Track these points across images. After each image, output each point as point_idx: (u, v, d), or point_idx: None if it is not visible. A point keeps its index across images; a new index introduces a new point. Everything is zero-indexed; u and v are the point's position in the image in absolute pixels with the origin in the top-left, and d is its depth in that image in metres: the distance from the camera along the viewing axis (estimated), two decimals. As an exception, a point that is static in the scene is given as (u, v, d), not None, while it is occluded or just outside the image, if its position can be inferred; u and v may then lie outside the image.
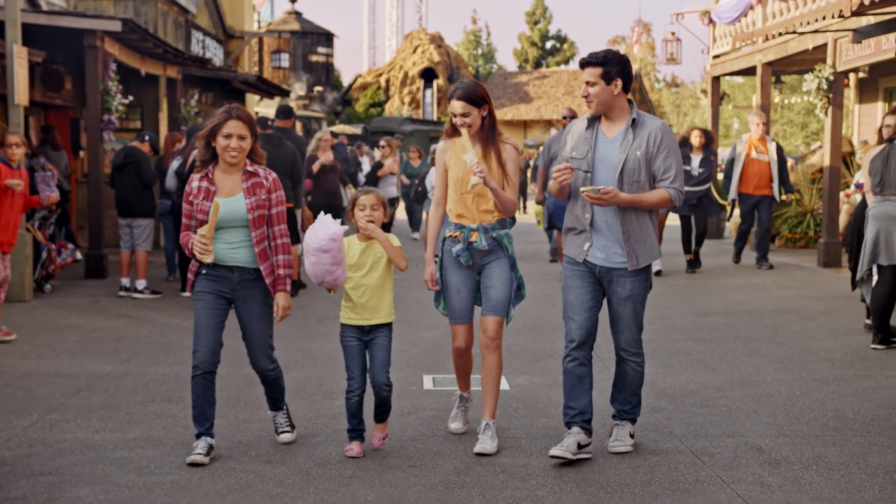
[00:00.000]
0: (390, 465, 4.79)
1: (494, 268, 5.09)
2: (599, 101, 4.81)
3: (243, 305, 4.87)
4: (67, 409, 5.76)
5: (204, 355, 4.79)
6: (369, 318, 4.90)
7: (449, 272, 5.14)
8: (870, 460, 4.79)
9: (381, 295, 4.92)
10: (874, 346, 7.46)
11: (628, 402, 5.05)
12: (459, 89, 5.04)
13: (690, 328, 8.50)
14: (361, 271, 4.89)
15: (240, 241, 4.83)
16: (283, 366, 5.38)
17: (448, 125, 5.23)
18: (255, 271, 4.85)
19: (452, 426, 5.34)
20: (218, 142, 4.76)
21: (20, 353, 7.38)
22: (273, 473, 4.63)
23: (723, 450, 4.98)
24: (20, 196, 8.04)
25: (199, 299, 4.85)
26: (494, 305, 5.07)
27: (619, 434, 5.02)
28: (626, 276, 4.85)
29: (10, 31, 9.79)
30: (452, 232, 5.12)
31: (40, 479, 4.50)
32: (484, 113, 5.07)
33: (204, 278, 4.85)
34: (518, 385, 6.42)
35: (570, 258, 4.97)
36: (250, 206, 4.79)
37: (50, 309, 9.42)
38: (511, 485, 4.46)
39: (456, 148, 5.15)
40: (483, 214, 5.08)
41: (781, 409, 5.78)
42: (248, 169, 4.88)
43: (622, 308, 4.91)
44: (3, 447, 4.99)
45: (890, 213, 7.30)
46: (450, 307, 5.16)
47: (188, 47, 17.94)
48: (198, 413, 4.83)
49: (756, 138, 12.19)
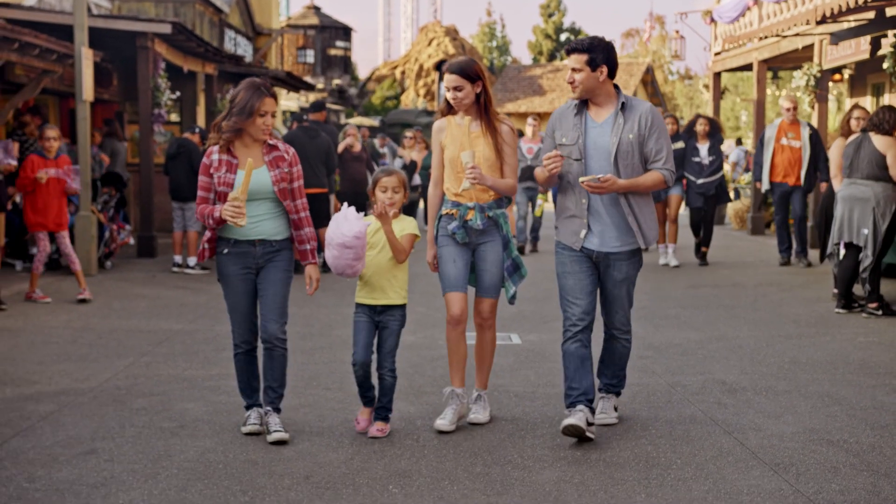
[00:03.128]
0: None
1: (488, 250, 5.11)
2: (585, 87, 4.82)
3: (264, 271, 4.87)
4: (155, 355, 6.97)
5: (243, 336, 4.93)
6: (378, 297, 4.93)
7: (444, 246, 5.13)
8: (810, 389, 5.95)
9: (392, 276, 4.94)
10: (837, 310, 8.60)
11: (616, 375, 5.24)
12: (453, 63, 5.03)
13: (681, 297, 9.67)
14: (374, 250, 4.92)
15: (262, 213, 4.81)
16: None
17: (443, 103, 5.22)
18: (277, 243, 4.86)
19: (438, 422, 5.05)
20: (255, 120, 4.74)
21: (101, 315, 8.61)
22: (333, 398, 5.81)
23: (693, 383, 6.15)
24: (56, 182, 9.28)
25: (228, 284, 4.89)
26: (488, 288, 5.14)
27: (604, 407, 5.19)
28: (623, 259, 4.94)
29: (79, 35, 11.01)
30: (449, 209, 5.12)
31: (151, 398, 5.71)
32: (478, 89, 5.03)
33: (227, 258, 4.85)
34: (529, 340, 7.58)
35: (566, 245, 5.01)
36: (275, 179, 4.79)
37: (115, 282, 10.65)
38: (522, 404, 5.64)
39: (451, 127, 5.15)
40: (480, 193, 5.06)
41: (747, 357, 6.94)
42: (270, 142, 4.86)
43: (617, 290, 5.00)
44: (112, 379, 6.21)
45: (855, 195, 8.42)
46: (444, 276, 5.14)
47: (222, 45, 19.15)
48: (244, 386, 5.02)
49: (788, 123, 11.47)
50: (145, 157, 13.17)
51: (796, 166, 11.36)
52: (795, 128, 11.42)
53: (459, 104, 5.05)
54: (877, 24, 10.58)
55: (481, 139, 5.07)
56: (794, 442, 4.84)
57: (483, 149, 5.05)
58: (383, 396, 5.00)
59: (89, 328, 7.96)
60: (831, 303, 9.10)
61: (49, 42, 10.75)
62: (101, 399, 5.68)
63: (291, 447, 4.75)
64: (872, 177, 8.23)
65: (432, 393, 5.80)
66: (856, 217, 8.40)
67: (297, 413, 5.39)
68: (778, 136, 11.43)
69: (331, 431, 5.04)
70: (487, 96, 5.05)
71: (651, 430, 5.08)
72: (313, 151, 11.29)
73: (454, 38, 56.35)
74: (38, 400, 5.62)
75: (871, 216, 8.20)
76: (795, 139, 11.37)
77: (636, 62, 49.85)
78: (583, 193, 4.87)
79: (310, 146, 11.26)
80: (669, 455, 4.65)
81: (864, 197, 8.25)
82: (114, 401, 5.64)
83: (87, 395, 5.75)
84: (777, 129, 11.49)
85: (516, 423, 5.22)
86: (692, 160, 11.73)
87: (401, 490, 4.15)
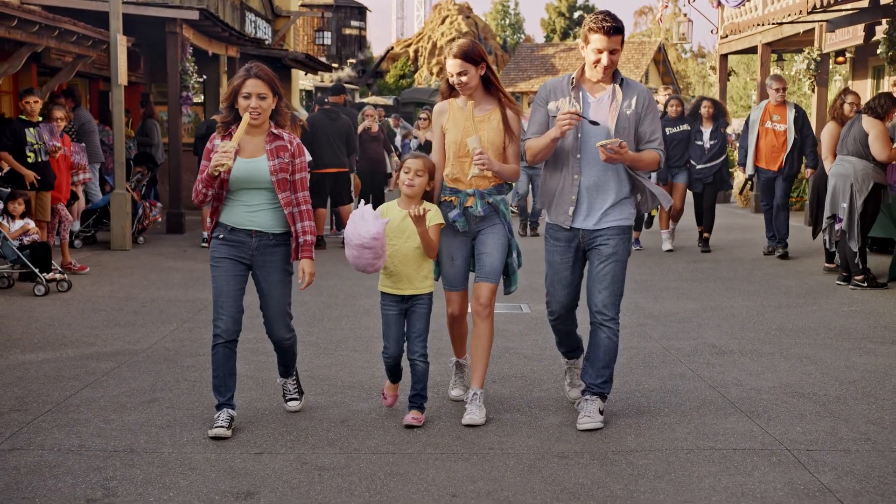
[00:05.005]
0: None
1: (489, 234, 4.97)
2: (613, 68, 4.77)
3: (262, 271, 4.73)
4: (196, 321, 7.64)
5: (226, 324, 4.66)
6: (405, 287, 4.84)
7: (442, 238, 4.97)
8: (791, 352, 6.58)
9: (419, 264, 4.84)
10: (838, 282, 9.24)
11: (600, 374, 4.88)
12: (455, 47, 4.89)
13: (681, 271, 10.30)
14: (402, 237, 4.80)
15: (259, 203, 4.68)
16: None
17: (444, 85, 5.08)
18: (274, 237, 4.71)
19: (453, 393, 5.34)
20: (239, 103, 4.58)
21: (141, 286, 9.29)
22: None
23: (686, 346, 6.78)
24: (64, 158, 10.21)
25: (218, 265, 4.70)
26: (488, 272, 4.96)
27: (588, 409, 4.84)
28: (612, 235, 4.81)
29: (114, 23, 11.65)
30: (447, 196, 4.98)
31: (198, 357, 6.38)
32: (482, 72, 4.91)
33: (221, 244, 4.71)
34: (538, 310, 8.18)
35: (556, 225, 4.94)
36: (273, 169, 4.63)
37: (149, 256, 11.34)
38: (530, 364, 6.29)
39: (453, 110, 5.00)
40: (479, 179, 4.92)
41: (738, 324, 7.56)
42: (273, 131, 4.70)
43: (604, 266, 4.82)
44: (161, 342, 6.88)
45: (839, 172, 9.02)
46: (443, 274, 5.08)
47: (243, 28, 19.77)
48: (219, 383, 4.70)
49: (773, 105, 10.93)
50: (174, 137, 13.85)
51: (781, 151, 10.82)
52: (781, 110, 10.90)
53: (465, 88, 4.91)
54: (870, 12, 11.13)
55: (485, 123, 4.94)
56: (770, 395, 5.48)
57: (488, 133, 4.92)
58: (417, 383, 4.86)
59: (132, 297, 8.63)
60: (822, 276, 9.71)
61: (86, 29, 11.40)
62: (153, 358, 6.35)
63: (327, 397, 5.42)
64: (856, 153, 8.85)
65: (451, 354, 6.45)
66: (840, 192, 9.01)
67: (329, 371, 6.05)
68: (763, 118, 10.96)
69: (360, 385, 5.70)
70: (494, 77, 4.96)
71: (644, 385, 5.72)
72: (335, 133, 11.96)
73: (467, 16, 56.73)
74: (98, 359, 6.30)
75: (849, 191, 8.83)
76: (781, 122, 10.84)
77: (648, 41, 50.17)
78: (576, 169, 4.80)
79: (331, 128, 11.94)
80: (658, 405, 5.29)
81: (846, 173, 8.88)
82: (165, 360, 6.31)
83: (141, 356, 6.42)
84: (763, 111, 11.04)
85: (525, 379, 5.87)
86: (695, 143, 11.57)
87: (424, 431, 4.81)
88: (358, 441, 4.67)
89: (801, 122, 10.78)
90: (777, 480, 4.13)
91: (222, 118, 4.67)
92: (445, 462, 4.37)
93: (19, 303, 8.25)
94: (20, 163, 9.30)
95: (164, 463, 4.32)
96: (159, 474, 4.18)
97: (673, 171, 11.60)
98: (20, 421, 4.90)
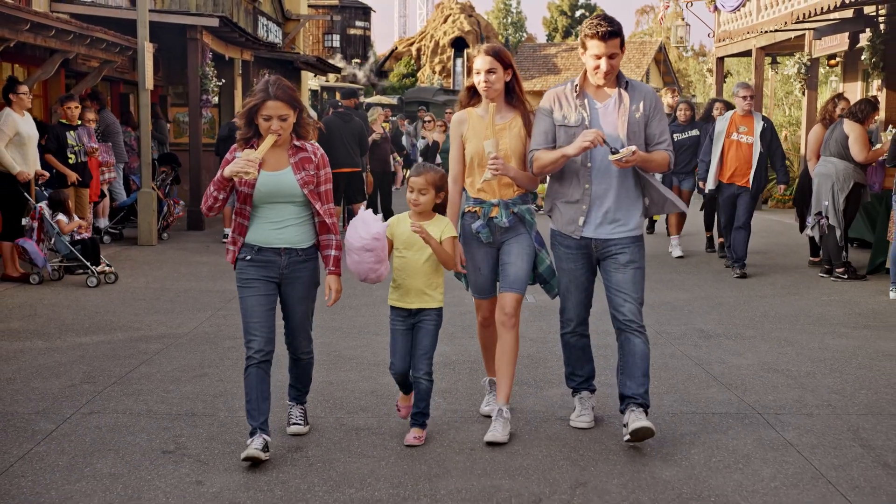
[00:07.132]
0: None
1: (514, 243, 4.87)
2: (615, 71, 4.66)
3: (290, 287, 4.61)
4: (229, 309, 8.34)
5: (260, 343, 4.47)
6: (413, 301, 4.71)
7: (468, 248, 4.93)
8: (772, 335, 7.28)
9: (427, 278, 4.72)
10: (821, 274, 9.93)
11: (641, 384, 4.68)
12: (486, 46, 4.82)
13: (676, 264, 11.01)
14: (412, 249, 4.71)
15: (286, 219, 4.54)
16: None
17: (463, 93, 4.96)
18: (303, 251, 4.58)
19: (485, 409, 5.23)
20: (260, 123, 4.45)
21: (173, 278, 10.00)
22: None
23: (676, 331, 7.48)
24: (95, 160, 11.13)
25: (247, 286, 4.52)
26: (513, 282, 4.83)
27: (636, 415, 4.62)
28: (628, 244, 4.72)
29: (141, 31, 12.36)
30: (471, 207, 4.90)
31: (236, 340, 7.07)
32: (508, 77, 4.83)
33: (249, 265, 4.53)
34: (542, 300, 8.86)
35: (564, 234, 4.84)
36: (302, 182, 4.51)
37: (175, 251, 12.05)
38: (535, 346, 6.99)
39: (473, 119, 4.89)
40: (503, 189, 4.84)
41: (726, 311, 8.27)
42: (296, 143, 4.57)
43: (623, 274, 4.70)
44: (200, 327, 7.58)
45: (822, 172, 9.73)
46: (472, 284, 5.02)
47: (256, 32, 20.49)
48: (252, 407, 4.45)
49: (740, 115, 10.07)
50: (194, 138, 14.57)
51: (746, 165, 9.95)
52: (749, 121, 10.00)
53: (490, 88, 4.78)
54: (853, 22, 11.84)
55: (506, 131, 4.84)
56: (748, 371, 6.18)
57: (510, 140, 4.83)
58: (420, 402, 4.75)
59: (166, 288, 9.35)
60: (807, 269, 10.41)
61: (115, 37, 12.12)
62: (196, 340, 7.06)
63: (356, 373, 6.13)
64: (838, 154, 9.54)
65: (465, 337, 7.16)
66: (823, 191, 9.71)
67: (355, 351, 6.76)
68: (729, 130, 10.04)
69: (384, 363, 6.33)
70: (518, 84, 4.87)
71: (637, 363, 6.42)
72: (348, 134, 12.70)
73: (470, 15, 57.40)
74: (146, 341, 7.01)
75: (831, 190, 9.52)
76: (747, 134, 9.96)
77: (649, 41, 50.81)
78: (586, 178, 4.69)
79: (345, 129, 12.67)
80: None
81: (828, 173, 9.58)
82: (206, 342, 7.02)
83: (184, 338, 7.13)
84: (728, 122, 10.10)
85: (530, 358, 6.57)
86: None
87: (444, 400, 5.52)
88: (387, 407, 5.37)
89: (770, 134, 10.02)
90: (747, 437, 4.83)
91: (241, 134, 4.52)
92: (463, 424, 5.07)
93: (65, 293, 8.98)
94: (62, 164, 10.01)
95: (222, 424, 5.04)
96: (220, 433, 4.89)
97: (679, 177, 11.78)
98: (92, 391, 5.62)
